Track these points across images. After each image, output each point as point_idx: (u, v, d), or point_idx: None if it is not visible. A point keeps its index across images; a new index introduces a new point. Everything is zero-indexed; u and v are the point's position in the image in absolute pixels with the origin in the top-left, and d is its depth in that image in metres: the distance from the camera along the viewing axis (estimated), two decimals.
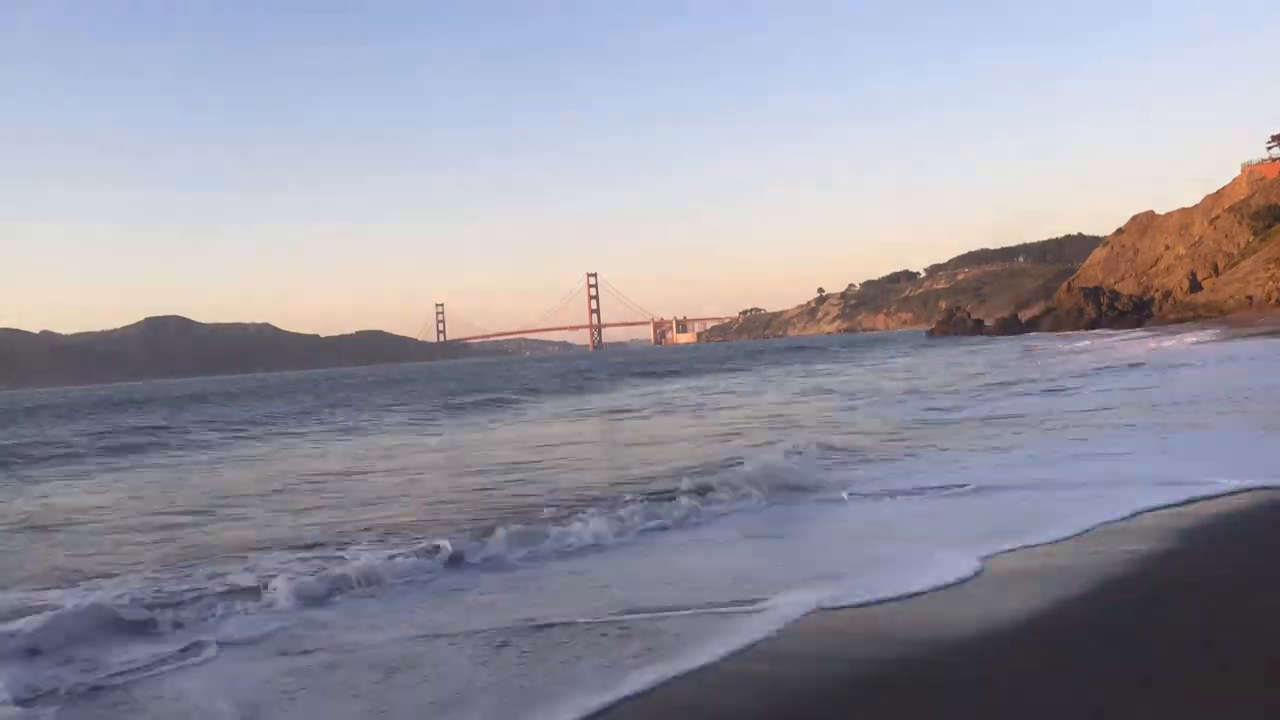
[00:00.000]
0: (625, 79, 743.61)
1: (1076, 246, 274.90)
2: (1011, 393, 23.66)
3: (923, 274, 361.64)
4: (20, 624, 6.34)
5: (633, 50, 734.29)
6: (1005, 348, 58.74)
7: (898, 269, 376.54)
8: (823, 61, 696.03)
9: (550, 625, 6.19)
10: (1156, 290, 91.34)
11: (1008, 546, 7.59)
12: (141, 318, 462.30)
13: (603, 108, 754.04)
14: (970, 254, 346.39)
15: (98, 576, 8.45)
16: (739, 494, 10.72)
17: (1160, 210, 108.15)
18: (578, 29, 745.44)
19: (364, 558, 8.24)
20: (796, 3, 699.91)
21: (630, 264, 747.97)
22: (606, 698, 4.90)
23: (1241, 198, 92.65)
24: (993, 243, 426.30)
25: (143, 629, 6.65)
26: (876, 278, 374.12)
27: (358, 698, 5.17)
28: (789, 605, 6.27)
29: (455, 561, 8.22)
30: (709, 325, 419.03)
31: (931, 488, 10.62)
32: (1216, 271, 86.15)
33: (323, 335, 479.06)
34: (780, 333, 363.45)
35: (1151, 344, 44.22)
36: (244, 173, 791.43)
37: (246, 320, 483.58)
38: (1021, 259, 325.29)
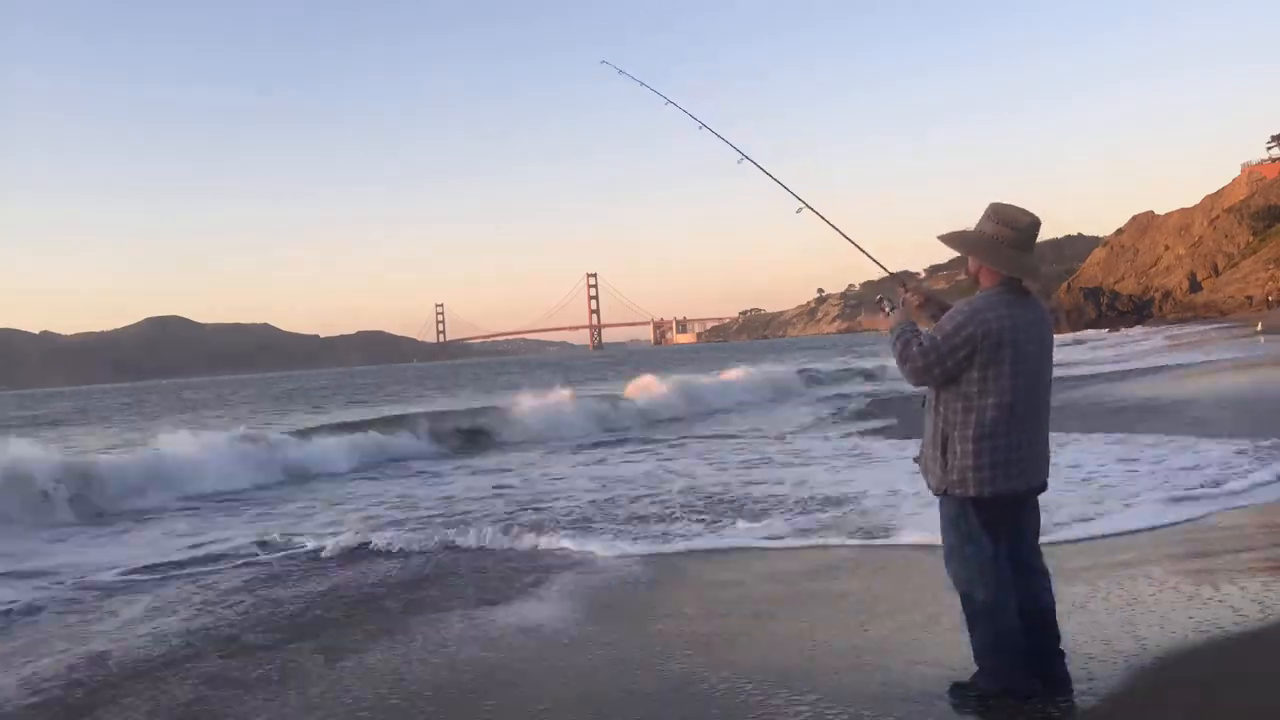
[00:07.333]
0: (624, 79, 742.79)
1: (1076, 246, 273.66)
2: None
3: (923, 274, 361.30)
4: None
5: (633, 51, 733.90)
6: None
7: (898, 269, 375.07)
8: (822, 63, 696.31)
9: None
10: (1156, 290, 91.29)
11: None
12: (142, 318, 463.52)
13: (603, 107, 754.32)
14: None
15: None
16: None
17: (1160, 210, 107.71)
18: (578, 32, 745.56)
19: None
20: (797, 5, 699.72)
21: (630, 264, 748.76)
22: None
23: (1241, 198, 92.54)
24: None
25: None
26: (876, 278, 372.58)
27: None
28: None
29: None
30: (709, 326, 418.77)
31: None
32: (1216, 272, 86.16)
33: (323, 335, 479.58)
34: (780, 333, 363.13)
35: None
36: (245, 173, 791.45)
37: (246, 320, 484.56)
38: None
